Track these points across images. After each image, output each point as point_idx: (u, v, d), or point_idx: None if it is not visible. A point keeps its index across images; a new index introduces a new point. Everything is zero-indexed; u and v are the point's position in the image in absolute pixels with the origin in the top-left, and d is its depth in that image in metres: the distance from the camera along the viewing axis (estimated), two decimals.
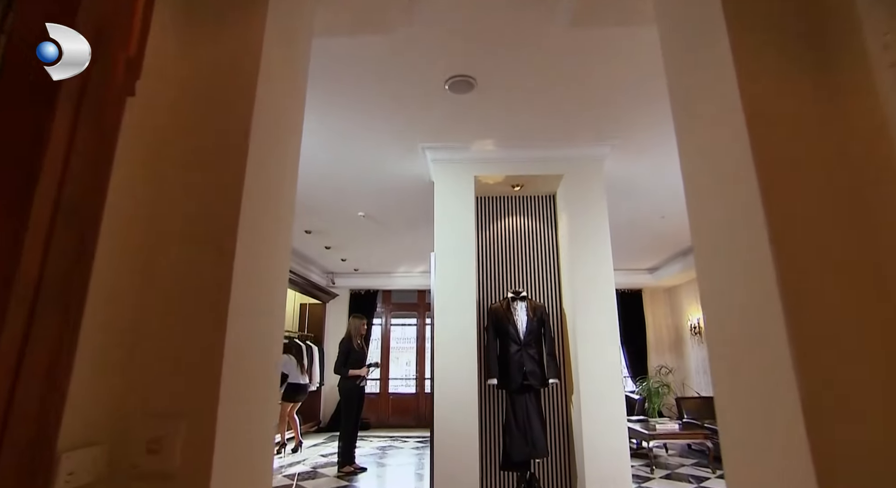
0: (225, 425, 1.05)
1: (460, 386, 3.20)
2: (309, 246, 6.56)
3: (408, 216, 5.28)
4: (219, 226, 1.10)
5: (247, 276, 1.13)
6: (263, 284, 1.25)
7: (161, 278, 1.09)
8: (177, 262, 1.09)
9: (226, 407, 1.05)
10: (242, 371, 1.14)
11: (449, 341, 3.31)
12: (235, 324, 1.08)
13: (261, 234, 1.23)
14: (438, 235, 3.56)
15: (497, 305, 3.59)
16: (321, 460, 5.55)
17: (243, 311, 1.11)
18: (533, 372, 3.34)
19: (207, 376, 1.04)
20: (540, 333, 3.50)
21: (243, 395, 1.15)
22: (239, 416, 1.12)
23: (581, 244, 3.48)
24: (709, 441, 4.72)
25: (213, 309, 1.07)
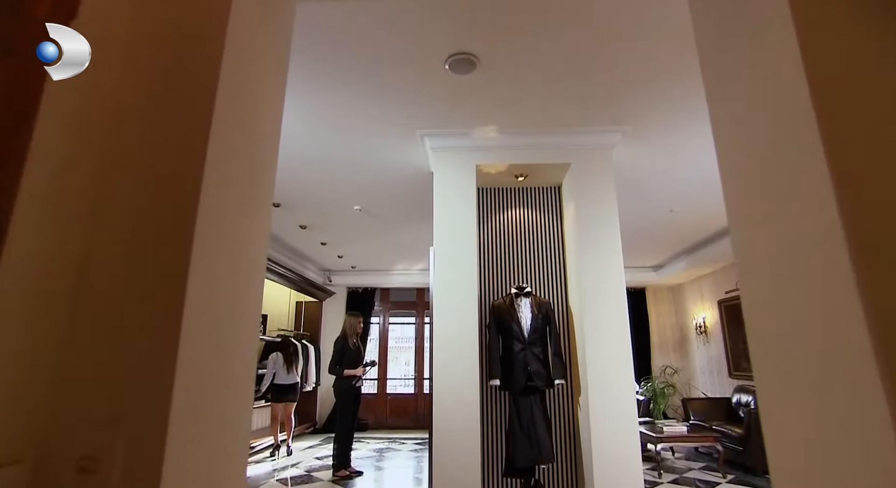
0: (179, 437, 0.86)
1: (460, 388, 3.00)
2: (304, 241, 6.37)
3: (406, 210, 5.09)
4: (173, 218, 0.92)
5: (209, 273, 0.95)
6: (230, 281, 1.07)
7: (102, 271, 0.91)
8: (121, 255, 0.92)
9: (181, 415, 0.86)
10: (204, 373, 0.95)
11: (449, 340, 3.12)
12: (194, 320, 0.89)
13: (227, 225, 1.04)
14: (438, 228, 3.37)
15: (500, 302, 3.40)
16: (316, 463, 5.36)
17: (203, 307, 0.92)
18: (538, 373, 3.15)
19: (156, 379, 0.86)
20: (545, 331, 3.31)
21: (205, 401, 0.96)
22: (198, 427, 0.92)
23: (589, 238, 3.29)
24: (718, 444, 4.54)
25: (166, 303, 0.88)
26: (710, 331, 7.47)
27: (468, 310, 3.17)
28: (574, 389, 3.34)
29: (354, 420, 5.01)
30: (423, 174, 4.01)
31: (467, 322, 3.15)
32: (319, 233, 5.98)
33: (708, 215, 5.38)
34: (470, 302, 3.19)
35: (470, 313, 3.17)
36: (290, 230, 5.76)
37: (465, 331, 3.13)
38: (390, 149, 3.68)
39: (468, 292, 3.21)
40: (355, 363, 4.97)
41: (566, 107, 3.12)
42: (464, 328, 3.13)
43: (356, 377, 4.91)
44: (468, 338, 3.11)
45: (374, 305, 8.65)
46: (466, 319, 3.15)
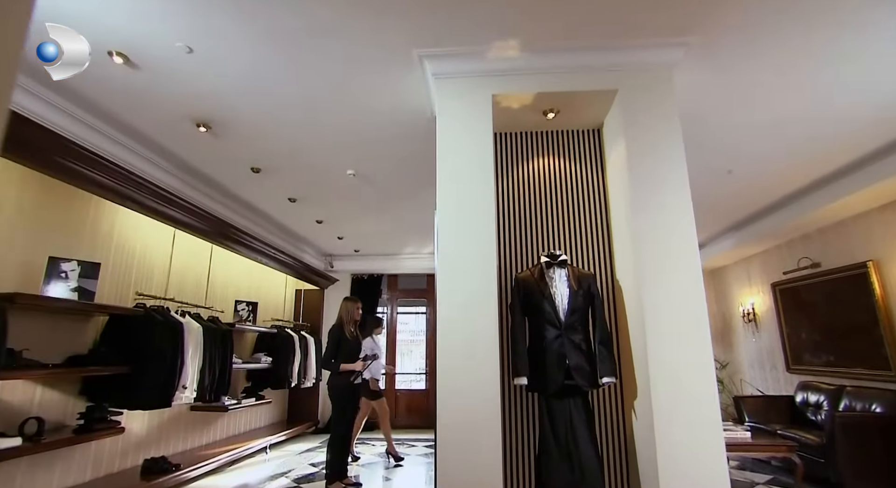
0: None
1: (473, 390, 2.21)
2: (297, 219, 5.62)
3: (408, 175, 4.29)
4: None
5: None
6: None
7: None
8: None
9: None
10: None
11: (457, 326, 2.33)
12: None
13: None
14: (443, 183, 2.57)
15: (526, 274, 2.58)
16: (310, 470, 4.64)
17: None
18: (579, 368, 2.34)
19: None
20: (587, 313, 2.49)
21: None
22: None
23: (646, 191, 2.44)
24: (794, 455, 3.68)
25: None
26: (762, 318, 6.53)
27: (484, 285, 2.37)
28: (626, 390, 2.52)
29: (352, 422, 4.27)
30: (425, 122, 3.20)
31: (483, 302, 2.35)
32: (312, 209, 5.22)
33: (770, 179, 4.47)
34: (486, 275, 2.39)
35: (486, 290, 2.37)
36: (278, 204, 5.02)
37: (481, 314, 2.33)
38: (382, 84, 2.87)
39: (483, 263, 2.41)
40: (353, 356, 4.21)
41: (610, 8, 2.27)
42: (478, 310, 2.33)
43: (354, 372, 4.15)
44: (484, 323, 2.31)
45: (381, 293, 7.91)
46: (481, 298, 2.35)
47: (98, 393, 3.46)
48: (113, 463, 3.72)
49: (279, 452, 5.49)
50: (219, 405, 4.62)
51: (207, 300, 4.82)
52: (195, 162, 3.94)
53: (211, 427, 4.99)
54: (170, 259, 4.33)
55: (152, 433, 4.15)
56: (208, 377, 4.19)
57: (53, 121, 2.95)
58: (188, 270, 4.71)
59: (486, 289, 2.36)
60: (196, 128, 3.36)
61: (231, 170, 4.11)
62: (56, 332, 3.24)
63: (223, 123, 3.33)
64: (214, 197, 4.61)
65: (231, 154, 3.79)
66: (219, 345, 4.41)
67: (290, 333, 6.07)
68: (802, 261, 5.46)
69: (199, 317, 4.41)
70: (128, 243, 3.97)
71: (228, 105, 3.09)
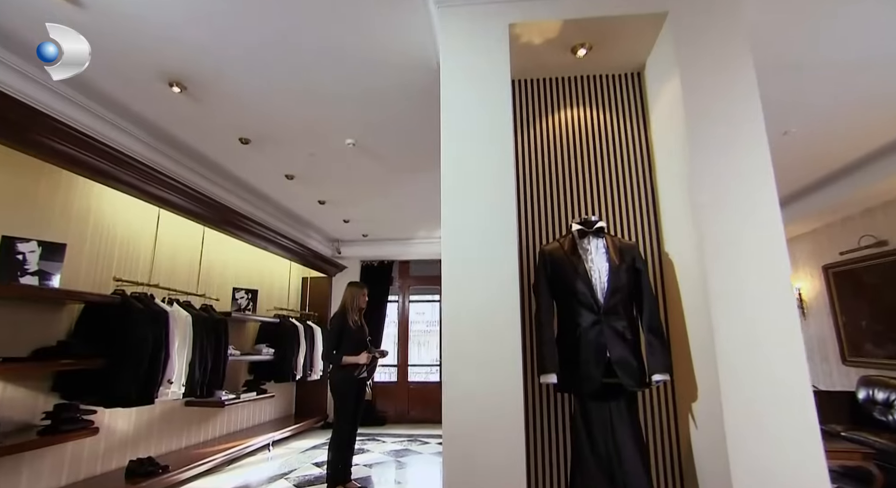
0: None
1: (489, 393, 1.75)
2: (298, 200, 5.20)
3: (415, 145, 3.81)
4: None
5: None
6: None
7: None
8: None
9: None
10: None
11: (468, 314, 1.86)
12: None
13: None
14: (449, 143, 2.09)
15: (554, 247, 2.09)
16: (314, 472, 4.27)
17: None
18: (623, 362, 1.84)
19: None
20: (631, 293, 1.99)
21: None
22: None
23: (711, 143, 1.91)
24: (872, 464, 3.12)
25: None
26: (810, 305, 5.90)
27: (502, 261, 1.89)
28: (679, 389, 2.02)
29: (357, 422, 3.85)
30: (430, 75, 2.72)
31: (501, 282, 1.87)
32: (312, 187, 4.79)
33: (831, 143, 3.86)
34: (504, 248, 1.91)
35: (505, 267, 1.89)
36: (274, 182, 4.60)
37: (498, 296, 1.86)
38: (381, 25, 2.39)
39: (501, 234, 1.93)
40: (357, 347, 3.78)
41: None
42: (495, 292, 1.86)
43: (359, 366, 3.72)
44: (502, 309, 1.84)
45: (392, 281, 7.48)
46: (500, 277, 1.88)
47: (72, 390, 3.11)
48: (94, 466, 3.39)
49: (283, 449, 5.14)
50: (214, 400, 4.26)
51: (200, 287, 4.45)
52: (174, 130, 3.51)
53: (209, 423, 4.65)
54: (154, 241, 3.95)
55: (141, 431, 3.81)
56: (199, 370, 3.82)
57: (9, 83, 2.57)
58: (179, 255, 4.34)
59: (505, 268, 1.88)
60: (169, 89, 2.93)
61: (216, 140, 3.68)
62: (19, 323, 2.87)
63: (201, 83, 2.90)
64: (205, 174, 4.21)
65: (214, 120, 3.36)
66: (211, 336, 4.04)
67: (294, 323, 5.70)
68: (864, 240, 4.82)
69: (189, 305, 4.04)
70: (107, 224, 3.59)
71: (202, 58, 2.65)
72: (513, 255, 1.89)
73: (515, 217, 1.94)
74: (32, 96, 2.72)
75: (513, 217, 1.93)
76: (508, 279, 1.87)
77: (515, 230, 1.92)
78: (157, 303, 3.62)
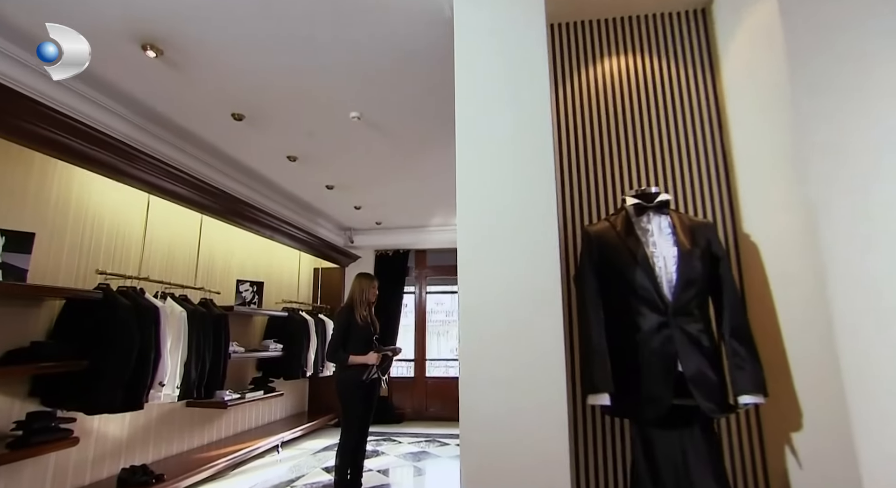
0: None
1: (522, 420, 1.31)
2: (304, 185, 4.82)
3: (427, 119, 3.36)
4: None
5: None
6: None
7: None
8: None
9: None
10: None
11: (491, 321, 1.43)
12: None
13: None
14: (466, 105, 1.64)
15: (602, 227, 1.63)
16: (324, 479, 3.94)
17: None
18: (700, 378, 1.39)
19: None
20: (708, 287, 1.52)
21: None
22: None
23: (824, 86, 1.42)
24: None
25: None
26: None
27: (539, 247, 1.44)
28: (768, 415, 1.55)
29: (366, 426, 3.48)
30: (443, 24, 2.26)
31: (535, 272, 1.43)
32: (318, 170, 4.39)
33: None
34: (542, 231, 1.46)
35: (545, 255, 1.44)
36: (276, 165, 4.22)
37: (534, 291, 1.42)
38: None
39: (538, 212, 1.48)
40: (366, 346, 3.40)
41: None
42: (527, 286, 1.42)
43: (368, 367, 3.34)
44: (540, 308, 1.40)
45: (408, 271, 7.10)
46: (535, 268, 1.43)
47: (52, 395, 2.81)
48: (82, 475, 3.10)
49: (293, 450, 4.84)
50: (216, 401, 3.96)
51: (199, 280, 4.12)
52: (156, 104, 3.14)
53: (212, 425, 4.36)
54: (144, 230, 3.62)
55: (136, 436, 3.52)
56: (196, 370, 3.50)
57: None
58: (176, 246, 4.01)
59: (544, 256, 1.43)
60: (143, 53, 2.55)
61: (206, 116, 3.30)
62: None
63: (179, 46, 2.50)
64: (199, 156, 3.86)
65: (199, 92, 2.98)
66: (210, 333, 3.71)
67: (304, 317, 5.37)
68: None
69: (186, 299, 3.71)
70: (91, 213, 3.27)
71: (177, 12, 2.25)
72: (552, 237, 1.44)
73: (555, 187, 1.48)
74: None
75: (551, 187, 1.48)
76: (547, 269, 1.42)
77: (555, 202, 1.47)
78: (147, 297, 3.30)
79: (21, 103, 2.45)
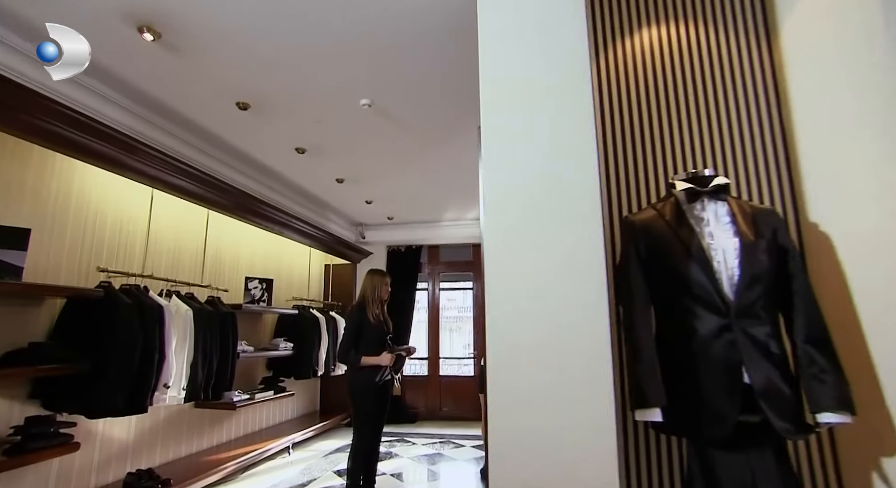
0: None
1: (563, 439, 1.12)
2: (313, 178, 4.66)
3: (443, 105, 3.17)
4: None
5: None
6: None
7: None
8: None
9: None
10: None
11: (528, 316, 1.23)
12: None
13: None
14: (491, 70, 1.44)
15: (648, 215, 1.42)
16: (335, 484, 3.79)
17: None
18: (771, 390, 1.18)
19: None
20: (774, 284, 1.30)
21: None
22: None
23: None
24: None
25: None
26: None
27: (578, 237, 1.25)
28: (847, 435, 1.34)
29: (379, 428, 3.33)
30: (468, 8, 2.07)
31: (576, 268, 1.23)
32: (328, 162, 4.23)
33: None
34: (582, 218, 1.26)
35: (584, 246, 1.24)
36: (284, 157, 4.06)
37: (574, 288, 1.22)
38: None
39: (577, 198, 1.28)
40: (379, 346, 3.24)
41: None
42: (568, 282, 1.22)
43: (382, 368, 3.17)
44: (582, 308, 1.20)
45: (421, 267, 6.93)
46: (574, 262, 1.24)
47: (53, 398, 2.69)
48: (87, 480, 2.99)
49: (304, 452, 4.71)
50: (225, 402, 3.83)
51: (206, 277, 3.99)
52: (157, 93, 2.99)
53: (221, 426, 4.24)
54: (148, 226, 3.49)
55: (143, 438, 3.41)
56: (202, 372, 3.37)
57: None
58: (183, 243, 3.88)
59: (583, 251, 1.24)
60: (140, 37, 2.39)
61: (210, 105, 3.15)
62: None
63: (177, 28, 2.34)
64: (203, 148, 3.72)
65: (201, 79, 2.82)
66: (217, 332, 3.58)
67: (315, 314, 5.23)
68: None
69: (192, 298, 3.58)
70: (93, 209, 3.14)
71: None
72: (596, 225, 1.24)
73: (598, 168, 1.28)
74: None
75: (593, 167, 1.27)
76: (591, 263, 1.22)
77: (598, 185, 1.27)
78: (152, 296, 3.16)
79: (15, 92, 2.32)
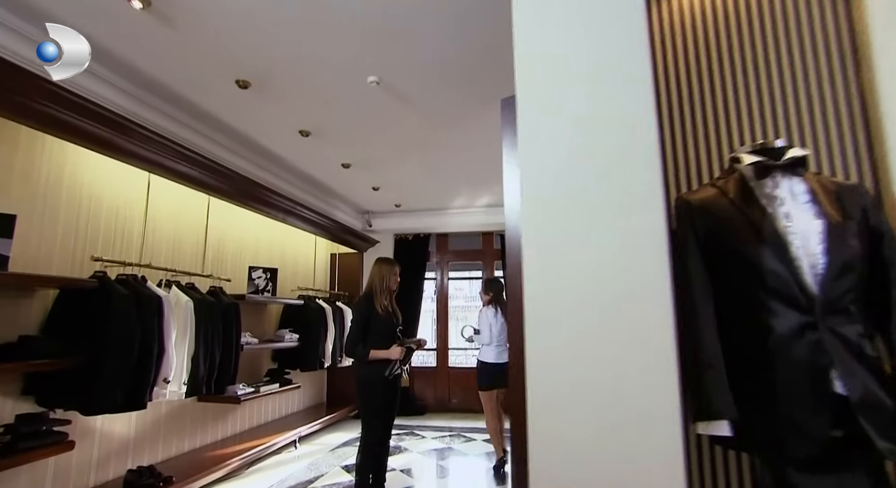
0: None
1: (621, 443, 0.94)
2: (318, 163, 4.46)
3: (455, 83, 2.94)
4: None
5: None
6: None
7: None
8: None
9: None
10: None
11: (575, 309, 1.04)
12: None
13: None
14: (526, 27, 1.23)
15: (708, 193, 1.22)
16: (343, 479, 3.66)
17: None
18: (870, 402, 0.99)
19: None
20: (867, 274, 1.10)
21: None
22: None
23: None
24: None
25: None
26: None
27: (633, 216, 1.05)
28: None
29: (389, 423, 3.18)
30: None
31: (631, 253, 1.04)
32: (333, 146, 4.02)
33: None
34: (639, 194, 1.06)
35: (641, 227, 1.05)
36: (289, 141, 3.86)
37: (630, 277, 1.02)
38: None
39: (631, 168, 1.08)
40: (388, 339, 3.07)
41: None
42: (623, 269, 1.03)
43: (391, 362, 3.01)
44: (640, 299, 1.01)
45: (429, 256, 6.74)
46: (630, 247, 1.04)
47: (48, 394, 2.55)
48: (86, 478, 2.86)
49: (311, 446, 4.59)
50: (229, 396, 3.69)
51: (207, 266, 3.83)
52: (150, 69, 2.78)
53: (226, 420, 4.11)
54: (145, 213, 3.32)
55: (144, 434, 3.27)
56: (204, 365, 3.22)
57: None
58: (183, 230, 3.71)
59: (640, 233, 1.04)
60: (127, 4, 2.18)
61: (207, 83, 2.94)
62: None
63: None
64: (202, 131, 3.52)
65: (197, 53, 2.61)
66: (220, 324, 3.43)
67: (321, 305, 5.07)
68: None
69: (192, 288, 3.42)
70: (86, 194, 2.96)
71: None
72: (655, 208, 1.04)
73: (656, 133, 1.08)
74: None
75: (652, 133, 1.07)
76: (650, 247, 1.03)
77: (658, 156, 1.06)
78: (150, 286, 3.00)
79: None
